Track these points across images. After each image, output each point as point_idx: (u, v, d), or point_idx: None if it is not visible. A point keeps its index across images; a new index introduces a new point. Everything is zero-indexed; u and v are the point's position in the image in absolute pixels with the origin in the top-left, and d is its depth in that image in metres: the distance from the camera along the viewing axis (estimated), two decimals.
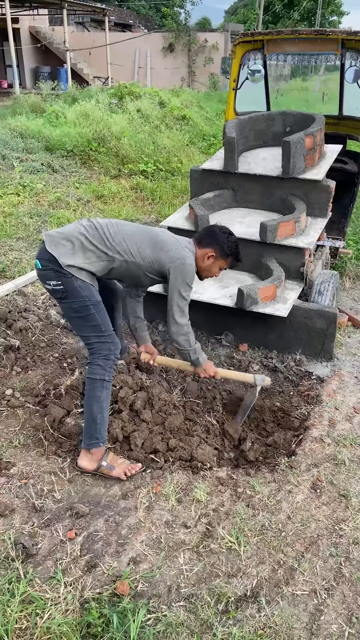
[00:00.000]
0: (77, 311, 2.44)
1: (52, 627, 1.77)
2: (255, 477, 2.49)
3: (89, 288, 2.42)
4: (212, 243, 2.64)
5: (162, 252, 2.49)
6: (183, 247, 2.55)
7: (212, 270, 2.71)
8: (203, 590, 1.93)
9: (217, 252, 2.64)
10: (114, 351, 2.50)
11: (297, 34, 4.41)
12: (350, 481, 2.47)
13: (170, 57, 23.96)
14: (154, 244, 2.51)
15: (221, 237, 2.65)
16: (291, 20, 36.33)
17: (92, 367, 2.48)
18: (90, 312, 2.42)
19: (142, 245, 2.49)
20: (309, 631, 1.82)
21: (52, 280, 2.40)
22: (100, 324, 2.46)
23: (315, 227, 3.80)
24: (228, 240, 2.66)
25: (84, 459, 2.47)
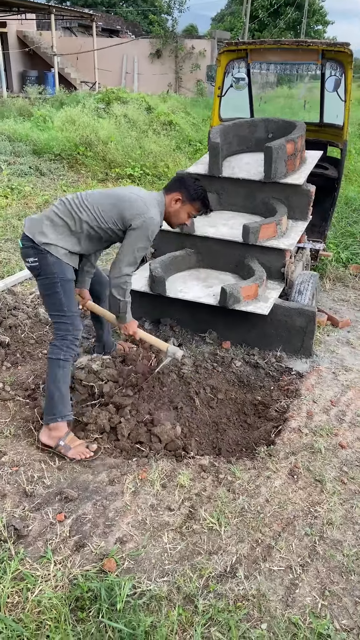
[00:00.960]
0: (46, 288, 2.58)
1: (43, 601, 1.87)
2: (236, 465, 2.62)
3: (61, 265, 2.54)
4: (179, 187, 2.75)
5: (125, 209, 2.58)
6: (145, 201, 2.62)
7: (180, 216, 2.81)
8: (185, 566, 2.05)
9: (183, 195, 2.74)
10: (72, 332, 2.63)
11: (279, 44, 4.58)
12: (325, 468, 2.61)
13: (158, 63, 24.18)
14: (118, 204, 2.59)
15: (188, 181, 2.76)
16: (277, 29, 36.86)
17: (51, 347, 2.64)
18: (55, 290, 2.55)
19: (106, 208, 2.58)
20: (284, 603, 1.95)
21: (31, 257, 2.56)
22: (62, 303, 2.58)
23: (296, 230, 3.96)
24: (194, 185, 2.76)
25: (44, 434, 2.62)
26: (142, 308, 3.92)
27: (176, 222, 2.86)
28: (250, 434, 2.99)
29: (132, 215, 2.58)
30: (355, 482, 2.52)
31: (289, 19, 36.34)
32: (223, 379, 3.45)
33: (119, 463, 2.62)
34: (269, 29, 37.03)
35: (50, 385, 2.61)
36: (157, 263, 3.75)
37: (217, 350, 3.70)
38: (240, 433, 3.02)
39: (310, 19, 38.32)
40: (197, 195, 2.77)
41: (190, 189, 2.75)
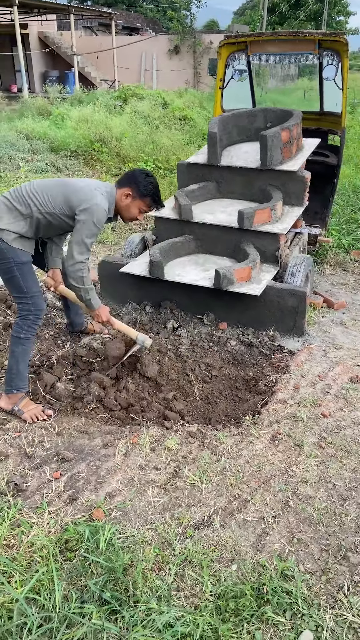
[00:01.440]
0: (4, 272, 2.72)
1: (36, 543, 2.10)
2: (222, 431, 2.80)
3: (13, 250, 2.64)
4: (129, 182, 2.77)
5: (72, 195, 2.65)
6: (93, 189, 2.69)
7: (131, 211, 2.82)
8: (166, 516, 2.25)
9: (133, 191, 2.76)
10: (34, 312, 2.78)
11: (276, 36, 4.71)
12: (306, 434, 2.77)
13: (176, 59, 24.34)
14: (65, 191, 2.67)
15: (139, 177, 2.78)
16: (297, 21, 36.52)
17: (14, 326, 2.83)
18: (13, 274, 2.69)
19: (54, 194, 2.66)
20: (254, 548, 2.13)
21: None
22: (21, 285, 2.72)
23: (291, 215, 4.10)
24: (145, 180, 2.77)
25: (2, 400, 2.89)
26: (144, 292, 4.12)
27: (127, 216, 2.88)
28: (239, 407, 3.17)
29: (79, 202, 2.64)
30: (332, 447, 2.67)
31: (310, 10, 35.97)
32: (218, 357, 3.63)
33: (113, 430, 2.83)
34: (290, 22, 36.71)
35: (10, 360, 2.83)
36: (156, 249, 3.94)
37: (214, 331, 3.87)
38: (231, 406, 3.20)
39: (332, 10, 37.83)
40: (147, 191, 2.78)
41: (140, 184, 2.76)
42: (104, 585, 1.90)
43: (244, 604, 1.86)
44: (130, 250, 4.42)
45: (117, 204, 2.81)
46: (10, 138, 9.25)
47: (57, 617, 1.75)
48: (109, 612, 1.82)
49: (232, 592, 1.91)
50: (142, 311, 4.14)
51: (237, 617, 1.84)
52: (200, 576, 1.98)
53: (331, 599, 1.93)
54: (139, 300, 4.19)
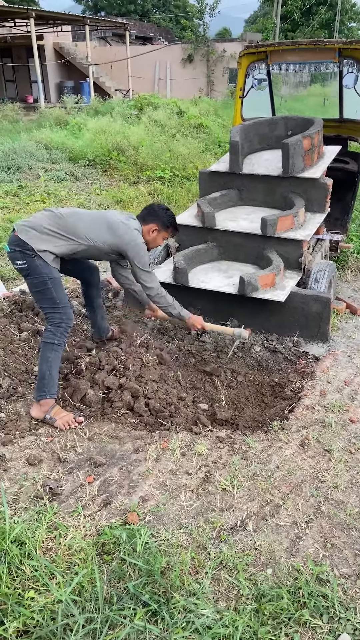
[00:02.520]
0: (36, 286, 2.91)
1: (73, 546, 2.14)
2: (250, 437, 2.83)
3: (48, 267, 2.87)
4: (154, 219, 3.19)
5: (117, 236, 3.00)
6: (132, 229, 3.05)
7: (157, 242, 3.25)
8: (200, 520, 2.28)
9: (159, 225, 3.19)
10: (65, 320, 2.97)
11: (297, 45, 4.77)
12: (334, 439, 2.78)
13: (190, 68, 24.56)
14: (110, 230, 3.00)
15: (160, 212, 3.21)
16: (310, 28, 36.62)
17: (46, 333, 2.96)
18: (47, 286, 2.89)
19: (100, 232, 2.98)
20: (289, 553, 2.15)
21: (19, 260, 2.87)
22: (54, 297, 2.92)
23: (314, 222, 4.13)
24: (166, 215, 3.22)
25: (34, 409, 2.95)
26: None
27: (153, 246, 3.27)
28: (266, 412, 3.19)
29: (125, 243, 3.01)
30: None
31: (322, 18, 36.07)
32: (243, 363, 3.66)
33: (143, 435, 2.87)
34: (302, 29, 36.84)
35: (43, 365, 2.93)
36: (180, 256, 3.99)
37: None
38: (258, 411, 3.22)
39: (344, 17, 37.90)
40: (170, 222, 3.24)
41: (164, 219, 3.20)
42: (143, 587, 1.93)
43: (282, 607, 1.88)
44: (153, 257, 4.48)
45: (144, 238, 3.15)
46: (29, 148, 9.41)
47: (100, 618, 1.79)
48: (149, 614, 1.85)
49: (269, 595, 1.93)
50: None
51: (274, 620, 1.86)
52: (237, 579, 2.01)
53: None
54: None
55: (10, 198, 7.60)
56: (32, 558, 2.02)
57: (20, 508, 2.33)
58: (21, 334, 3.71)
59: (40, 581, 1.95)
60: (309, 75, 27.02)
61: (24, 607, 1.84)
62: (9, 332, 3.67)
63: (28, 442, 2.76)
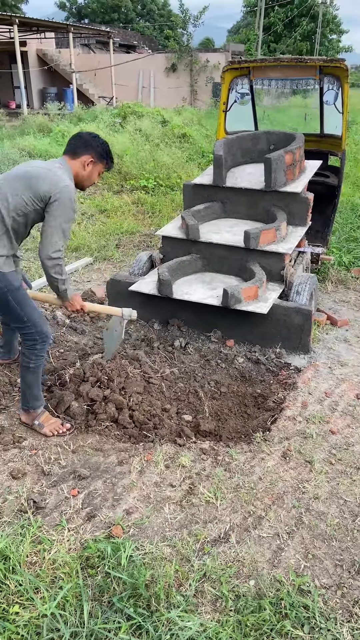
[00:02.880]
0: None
1: (58, 560, 2.15)
2: (234, 448, 2.87)
3: (4, 276, 2.49)
4: (87, 149, 2.71)
5: (38, 186, 2.51)
6: (55, 172, 2.57)
7: (92, 177, 2.78)
8: (184, 533, 2.31)
9: (94, 156, 2.72)
10: (39, 340, 2.70)
11: (279, 62, 4.87)
12: (316, 450, 2.84)
13: (173, 77, 24.75)
14: (29, 183, 2.52)
15: (94, 142, 2.73)
16: (292, 40, 37.24)
17: (21, 355, 2.83)
18: (9, 304, 2.55)
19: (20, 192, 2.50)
20: (271, 564, 2.18)
21: None
22: (19, 315, 2.59)
23: (295, 235, 4.21)
24: (100, 143, 2.75)
25: (23, 414, 2.97)
26: (152, 310, 4.20)
27: (88, 184, 2.81)
28: (249, 423, 3.24)
29: (49, 189, 2.51)
30: (342, 463, 2.75)
31: (304, 30, 36.72)
32: (226, 374, 3.71)
33: (127, 447, 2.89)
34: (284, 40, 37.43)
35: (23, 385, 2.89)
36: (164, 268, 4.04)
37: (221, 348, 3.95)
38: (241, 422, 3.27)
39: (325, 29, 38.63)
40: (105, 152, 2.76)
41: (98, 148, 2.73)
42: (127, 600, 1.95)
43: (264, 619, 1.92)
44: (138, 268, 4.51)
45: (77, 175, 2.73)
46: (12, 155, 9.38)
47: (85, 632, 1.80)
48: (134, 627, 1.87)
49: (251, 606, 1.97)
50: (150, 328, 4.22)
51: (257, 631, 1.89)
52: (220, 592, 2.04)
53: (347, 613, 1.99)
54: (146, 318, 4.27)
55: None
56: (16, 572, 2.02)
57: (4, 522, 2.33)
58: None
59: (24, 595, 1.96)
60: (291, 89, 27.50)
61: (9, 622, 1.85)
62: None
63: (12, 455, 2.76)
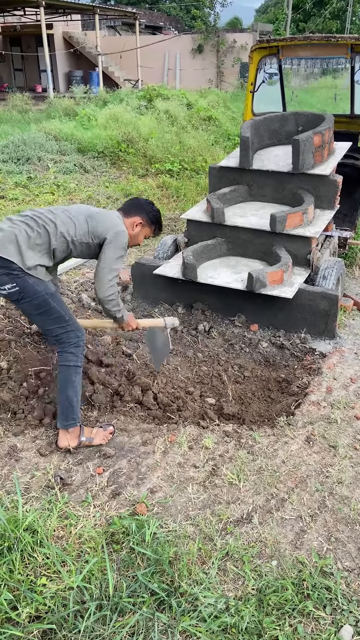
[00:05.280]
0: (37, 307, 2.57)
1: (84, 534, 2.20)
2: (257, 432, 2.88)
3: (43, 283, 2.55)
4: (139, 212, 2.84)
5: (98, 223, 2.66)
6: (114, 217, 2.75)
7: (138, 238, 2.89)
8: (207, 512, 2.34)
9: (144, 219, 2.85)
10: (81, 337, 2.70)
11: (309, 40, 4.75)
12: (340, 436, 2.83)
13: (199, 59, 24.36)
14: (89, 219, 2.66)
15: (147, 206, 2.88)
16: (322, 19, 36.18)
17: (65, 355, 2.66)
18: (50, 305, 2.57)
19: (80, 224, 2.63)
20: (293, 545, 2.20)
21: (7, 284, 2.49)
22: (62, 314, 2.62)
23: (323, 218, 4.15)
24: (152, 209, 2.88)
25: (63, 439, 2.69)
26: (176, 294, 4.21)
27: (132, 243, 2.91)
28: (272, 407, 3.23)
29: (106, 229, 2.66)
30: None
31: (334, 8, 35.62)
32: (250, 358, 3.70)
33: (151, 428, 2.93)
34: (314, 20, 36.40)
35: (69, 391, 2.66)
36: (189, 251, 4.03)
37: (245, 333, 3.94)
38: (264, 406, 3.27)
39: (356, 7, 37.40)
40: (155, 219, 2.90)
41: (150, 213, 2.87)
42: (151, 576, 1.99)
43: (286, 598, 1.94)
44: (162, 252, 4.51)
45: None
46: (39, 139, 9.42)
47: (110, 605, 1.85)
48: (157, 602, 1.91)
49: (273, 586, 1.99)
50: (174, 312, 4.23)
51: (279, 610, 1.92)
52: (242, 570, 2.07)
53: None
54: (170, 302, 4.28)
55: (20, 189, 7.63)
56: (44, 546, 2.08)
57: (32, 497, 2.40)
58: (31, 326, 3.76)
59: (52, 568, 2.01)
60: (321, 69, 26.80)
61: (37, 593, 1.91)
62: (19, 324, 3.72)
63: (39, 433, 2.82)
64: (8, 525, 2.05)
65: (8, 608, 1.85)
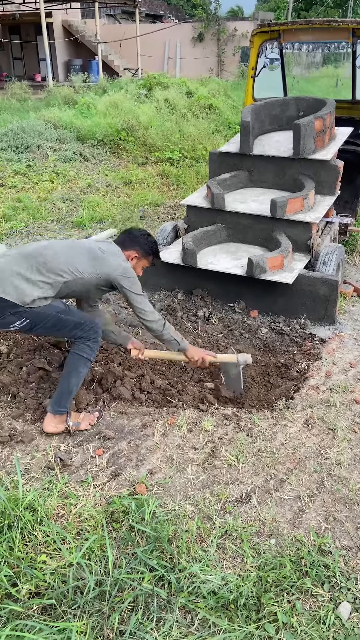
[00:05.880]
0: (53, 326, 2.63)
1: (84, 513, 2.21)
2: (256, 415, 2.89)
3: (50, 306, 2.59)
4: (133, 245, 2.86)
5: (103, 264, 2.66)
6: (117, 255, 2.76)
7: (136, 270, 2.86)
8: (206, 493, 2.35)
9: (139, 252, 2.87)
10: (99, 333, 2.74)
11: (310, 24, 4.71)
12: (339, 418, 2.83)
13: (200, 47, 24.15)
14: (93, 259, 2.67)
15: (141, 239, 2.89)
16: (323, 8, 35.81)
17: (81, 346, 2.69)
18: (63, 321, 2.63)
19: (83, 262, 2.64)
20: (291, 524, 2.21)
21: (16, 322, 2.54)
22: (77, 321, 2.67)
23: (323, 204, 4.13)
24: (148, 241, 2.90)
25: (49, 424, 2.69)
26: (176, 280, 4.20)
27: None
28: (272, 392, 3.24)
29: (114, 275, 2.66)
30: None
31: None
32: (250, 344, 3.70)
33: (151, 411, 2.93)
34: (315, 8, 36.04)
35: (72, 379, 2.69)
36: (189, 237, 4.02)
37: (245, 319, 3.94)
38: (263, 391, 3.27)
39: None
40: (151, 250, 2.91)
41: (145, 246, 2.88)
42: (151, 553, 2.00)
43: (284, 575, 1.95)
44: (162, 238, 4.50)
45: None
46: (38, 127, 9.36)
47: (109, 581, 1.87)
48: (157, 578, 1.93)
49: (272, 563, 2.00)
50: (174, 298, 4.23)
51: (277, 587, 1.93)
52: (241, 548, 2.08)
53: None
54: (170, 288, 4.28)
55: (19, 177, 7.60)
56: (44, 524, 2.09)
57: (32, 477, 2.41)
58: None
59: (52, 546, 2.03)
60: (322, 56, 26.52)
61: (37, 570, 1.92)
62: None
63: (39, 415, 2.83)
64: (8, 504, 2.06)
65: (8, 584, 1.86)
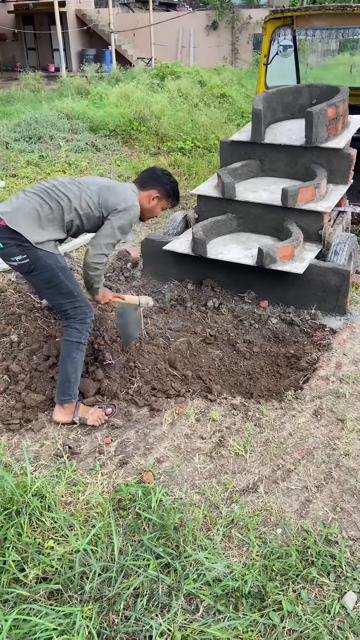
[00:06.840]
0: (47, 281, 2.56)
1: (91, 501, 2.23)
2: (264, 405, 2.88)
3: (53, 255, 2.54)
4: (156, 185, 2.80)
5: (110, 196, 2.62)
6: (131, 191, 2.70)
7: (155, 211, 2.85)
8: (213, 482, 2.35)
9: (161, 192, 2.81)
10: (89, 314, 2.67)
11: (324, 10, 4.62)
12: (348, 409, 2.81)
13: (214, 35, 23.89)
14: (101, 191, 2.62)
15: (164, 178, 2.82)
16: None
17: (69, 330, 2.64)
18: (60, 279, 2.55)
19: (92, 195, 2.60)
20: (298, 514, 2.21)
21: (17, 255, 2.49)
22: (71, 289, 2.59)
23: (335, 193, 4.07)
24: (170, 181, 2.83)
25: (58, 413, 2.70)
26: (186, 270, 4.19)
27: (149, 216, 2.89)
28: (281, 382, 3.23)
29: (118, 201, 2.62)
30: None
31: None
32: (259, 334, 3.69)
33: (159, 401, 2.94)
34: None
35: (68, 367, 2.65)
36: (199, 227, 4.00)
37: (255, 309, 3.92)
38: (272, 381, 3.26)
39: None
40: (172, 191, 2.85)
41: (167, 186, 2.82)
42: (157, 540, 2.02)
43: (290, 565, 1.95)
44: (172, 228, 4.49)
45: (141, 205, 2.78)
46: (51, 118, 9.36)
47: (115, 567, 1.88)
48: (162, 565, 1.94)
49: (278, 553, 2.00)
50: (184, 289, 4.22)
51: (282, 576, 1.93)
52: (247, 537, 2.08)
53: None
54: (180, 278, 4.26)
55: (31, 168, 7.62)
56: (52, 510, 2.11)
57: (41, 465, 2.44)
58: (42, 300, 3.78)
59: (59, 532, 2.05)
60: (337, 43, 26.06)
61: (44, 555, 1.95)
62: (30, 298, 3.75)
63: (48, 404, 2.85)
64: (17, 490, 2.08)
65: (16, 569, 1.89)
